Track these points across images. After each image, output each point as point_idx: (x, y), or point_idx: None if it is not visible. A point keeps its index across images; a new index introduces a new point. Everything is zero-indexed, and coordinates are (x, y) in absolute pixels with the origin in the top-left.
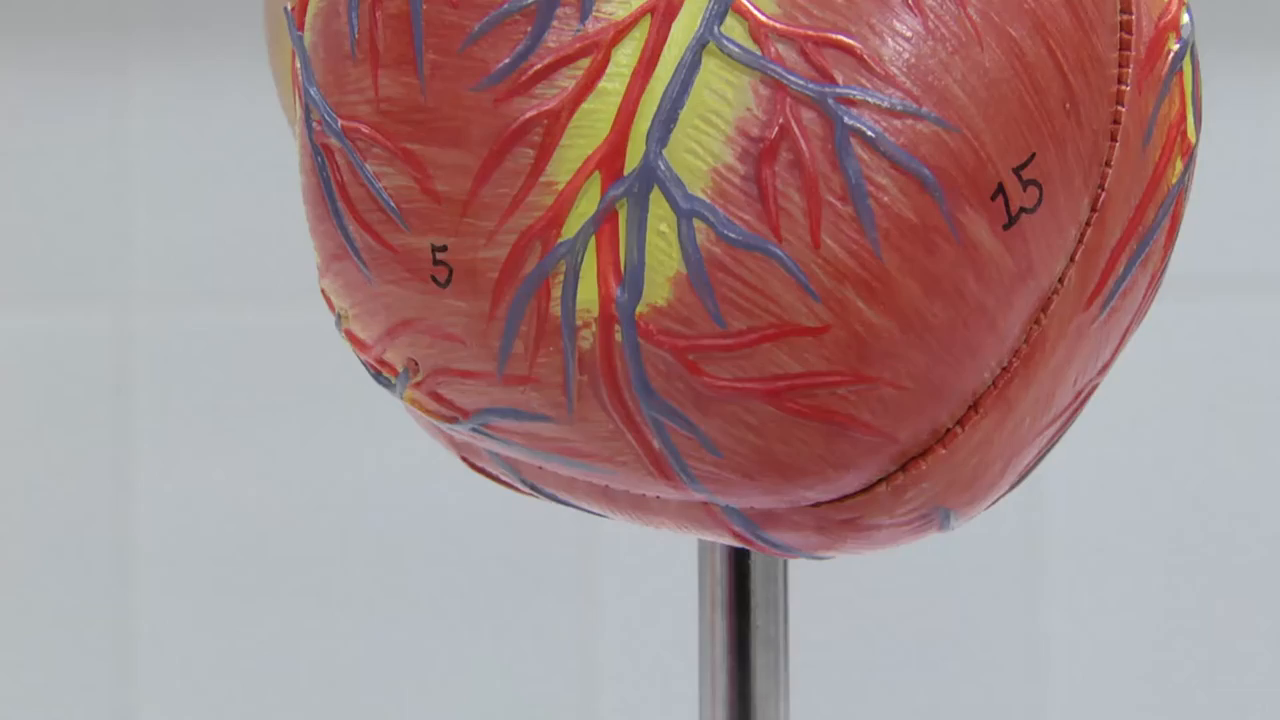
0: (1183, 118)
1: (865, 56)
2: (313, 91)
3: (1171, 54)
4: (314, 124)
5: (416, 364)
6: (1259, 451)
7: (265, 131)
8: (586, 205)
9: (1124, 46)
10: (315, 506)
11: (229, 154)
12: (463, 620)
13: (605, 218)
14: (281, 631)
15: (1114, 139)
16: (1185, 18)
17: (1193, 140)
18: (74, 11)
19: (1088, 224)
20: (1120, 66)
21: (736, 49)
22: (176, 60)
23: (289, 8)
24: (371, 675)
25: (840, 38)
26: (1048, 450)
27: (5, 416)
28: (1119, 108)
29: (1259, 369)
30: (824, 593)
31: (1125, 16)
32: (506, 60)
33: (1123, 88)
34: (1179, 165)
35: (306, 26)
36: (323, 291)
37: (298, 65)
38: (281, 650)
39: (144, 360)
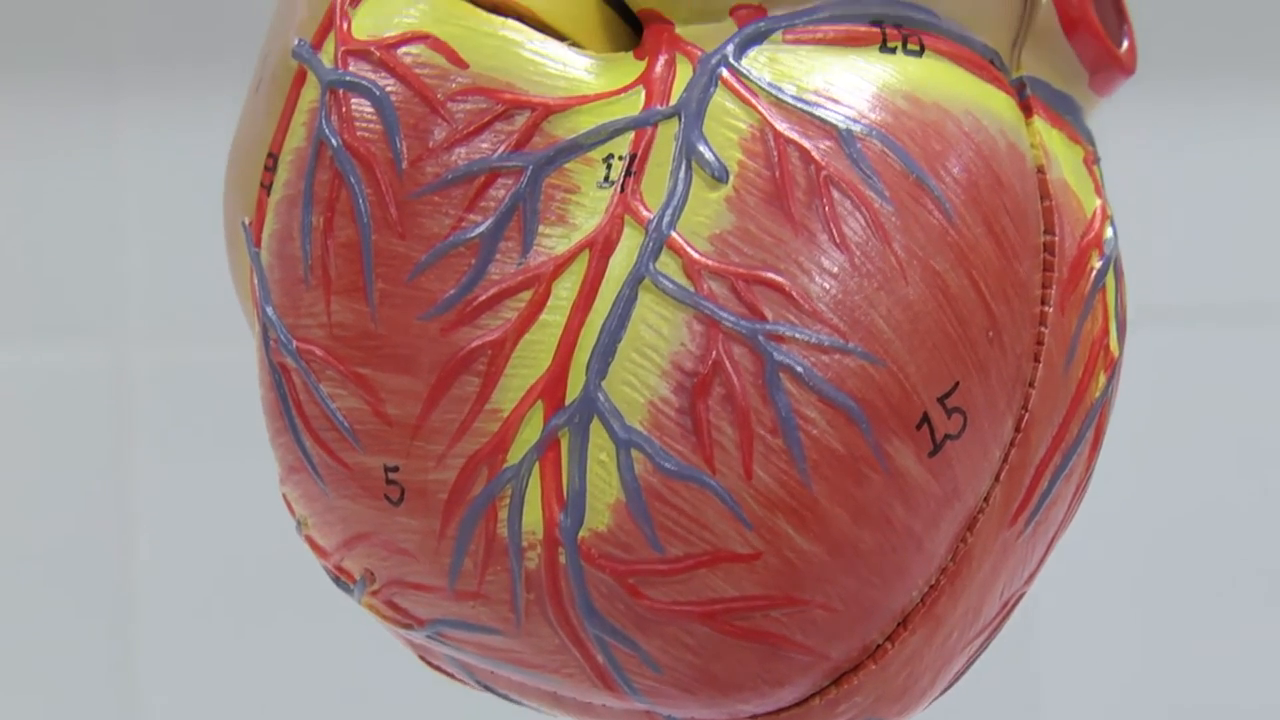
0: (1105, 332)
1: (793, 294)
2: (269, 311)
3: (1094, 271)
4: (271, 341)
5: (373, 574)
6: (1250, 513)
7: None
8: (530, 433)
9: (1047, 268)
10: None
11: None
12: None
13: (548, 445)
14: (281, 661)
15: (1037, 360)
16: (1109, 232)
17: (1115, 354)
18: (67, 47)
19: (1012, 444)
20: (1044, 288)
21: (671, 285)
22: (171, 94)
23: (246, 222)
24: (368, 700)
25: (770, 275)
26: (977, 656)
27: (4, 452)
28: (1042, 329)
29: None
30: None
31: (1048, 238)
32: (453, 291)
33: (1046, 309)
34: (1102, 380)
35: (263, 245)
36: (284, 496)
37: (255, 281)
38: (280, 678)
39: (142, 395)
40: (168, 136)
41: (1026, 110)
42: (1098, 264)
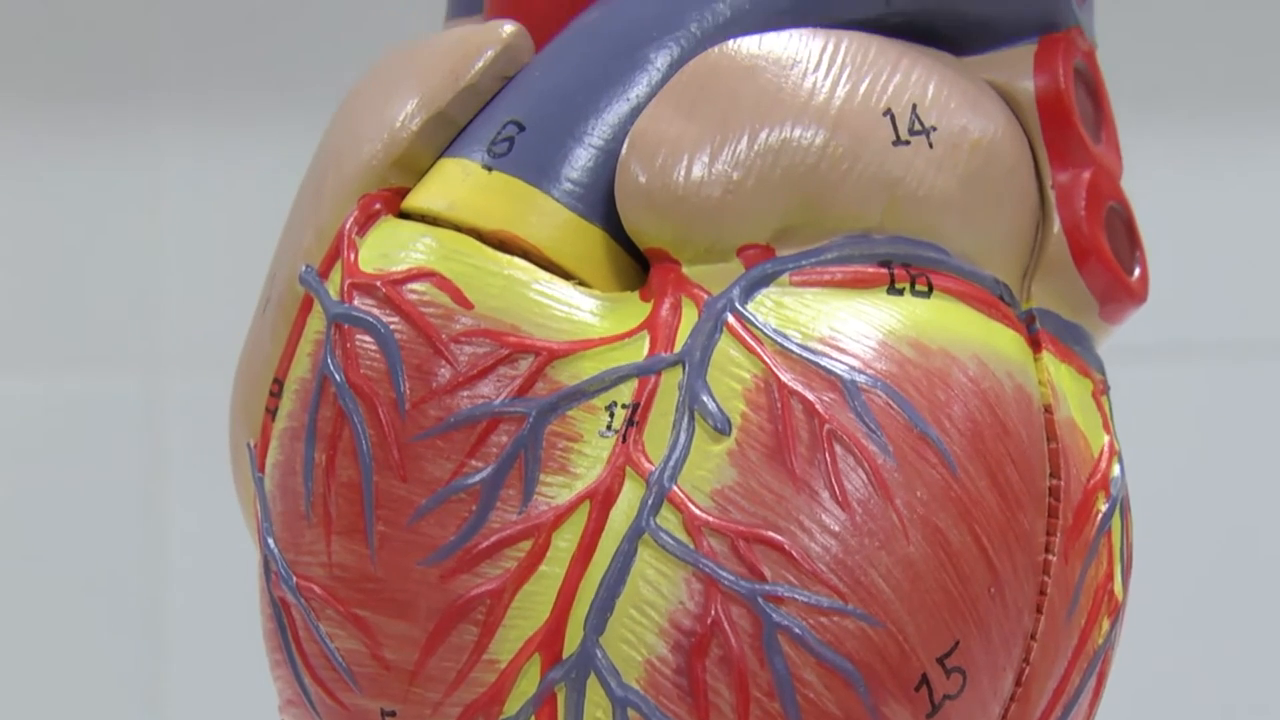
0: (1109, 577)
1: (794, 554)
2: (270, 543)
3: (1100, 515)
4: (272, 574)
5: None
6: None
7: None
8: (527, 685)
9: (1052, 514)
10: None
11: (260, 218)
12: None
13: (545, 699)
14: None
15: (1040, 611)
16: (1116, 470)
17: (1119, 598)
18: (105, 75)
19: (1012, 699)
20: (1048, 535)
21: (671, 542)
22: (209, 124)
23: (251, 445)
24: None
25: (770, 535)
26: None
27: (38, 479)
28: (1045, 579)
29: None
30: None
31: (1054, 482)
32: (453, 538)
33: (1049, 558)
34: (1105, 626)
35: (266, 473)
36: None
37: (258, 508)
38: None
39: (175, 424)
40: (204, 166)
41: (1035, 345)
42: (1104, 507)
